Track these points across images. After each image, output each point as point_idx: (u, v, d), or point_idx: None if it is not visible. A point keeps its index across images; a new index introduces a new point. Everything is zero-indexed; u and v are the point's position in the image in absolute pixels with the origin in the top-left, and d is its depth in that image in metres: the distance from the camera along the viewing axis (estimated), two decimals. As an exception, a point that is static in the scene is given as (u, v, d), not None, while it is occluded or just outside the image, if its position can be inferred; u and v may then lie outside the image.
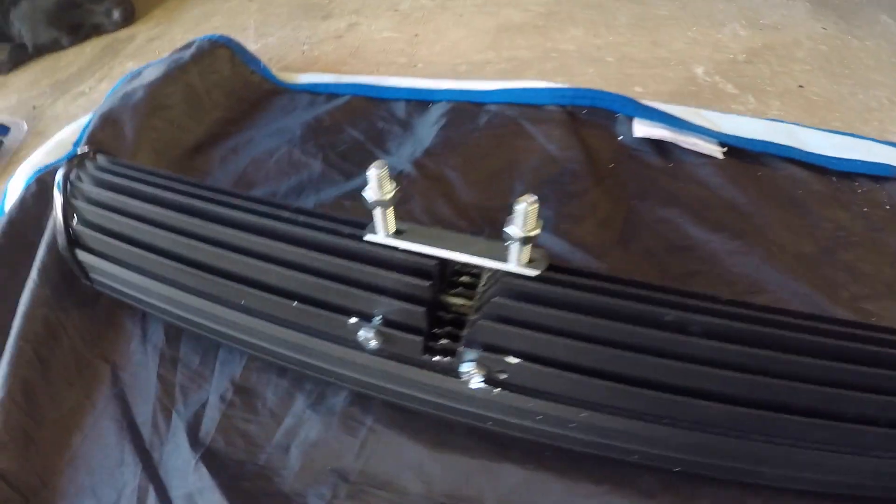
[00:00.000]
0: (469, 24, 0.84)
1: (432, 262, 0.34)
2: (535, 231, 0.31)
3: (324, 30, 0.86)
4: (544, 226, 0.31)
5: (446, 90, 0.65)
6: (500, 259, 0.33)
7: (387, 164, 0.31)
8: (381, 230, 0.34)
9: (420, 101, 0.65)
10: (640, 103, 0.62)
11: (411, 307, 0.34)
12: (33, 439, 0.40)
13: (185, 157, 0.60)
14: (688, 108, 0.62)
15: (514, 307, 0.33)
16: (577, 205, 0.53)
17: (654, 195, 0.54)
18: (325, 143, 0.60)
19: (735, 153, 0.57)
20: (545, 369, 0.33)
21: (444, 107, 0.63)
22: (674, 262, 0.49)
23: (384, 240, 0.35)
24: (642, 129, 0.59)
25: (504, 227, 0.31)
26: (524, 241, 0.31)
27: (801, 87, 0.69)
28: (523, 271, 0.33)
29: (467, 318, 0.36)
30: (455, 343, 0.35)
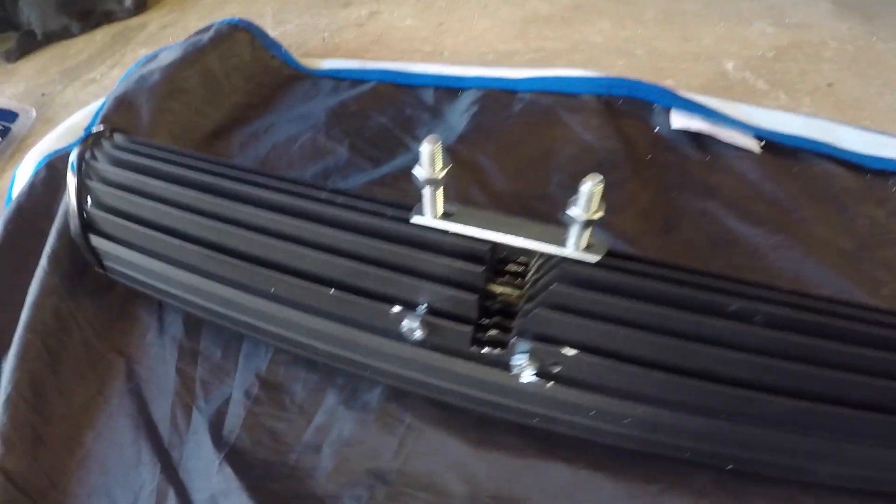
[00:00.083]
0: (495, 15, 0.82)
1: (485, 247, 0.32)
2: (599, 214, 0.29)
3: (344, 17, 0.84)
4: None
5: (477, 77, 0.63)
6: (557, 244, 0.31)
7: (440, 140, 0.29)
8: (430, 212, 0.32)
9: (449, 88, 0.63)
10: (677, 94, 0.60)
11: (462, 294, 0.31)
12: (42, 437, 0.38)
13: (203, 142, 0.57)
14: (724, 101, 0.60)
15: (573, 295, 0.31)
16: (616, 195, 0.51)
17: (693, 187, 0.53)
18: (351, 129, 0.57)
19: (771, 148, 0.56)
20: (604, 361, 0.31)
21: (476, 94, 0.61)
22: (717, 255, 0.48)
23: (433, 222, 0.32)
24: (680, 121, 0.58)
25: (565, 210, 0.29)
26: (586, 224, 0.29)
27: (831, 85, 0.68)
28: (583, 257, 0.31)
29: (516, 308, 0.34)
30: (505, 334, 0.33)
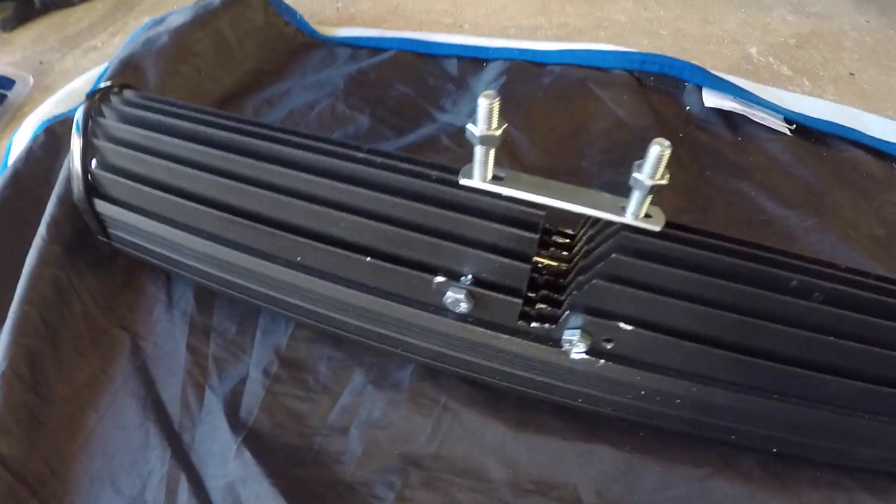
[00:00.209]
0: (516, -11, 0.79)
1: (540, 213, 0.29)
2: (664, 180, 0.26)
3: (359, -13, 0.80)
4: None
5: (503, 48, 0.60)
6: (615, 212, 0.28)
7: (498, 96, 0.26)
8: (479, 174, 0.29)
9: (473, 58, 0.59)
10: (710, 73, 0.58)
11: (514, 263, 0.28)
12: (40, 419, 0.34)
13: (214, 107, 0.53)
14: (754, 83, 0.59)
15: (634, 265, 0.28)
16: (651, 172, 0.49)
17: (726, 167, 0.52)
18: (371, 97, 0.54)
19: (800, 131, 0.54)
20: (660, 337, 0.28)
21: (502, 65, 0.58)
22: (753, 235, 0.46)
23: (484, 185, 0.29)
24: (713, 100, 0.56)
25: (632, 173, 0.26)
26: (651, 190, 0.26)
27: (853, 74, 0.67)
28: (645, 225, 0.28)
29: (565, 282, 0.31)
30: (554, 308, 0.30)
